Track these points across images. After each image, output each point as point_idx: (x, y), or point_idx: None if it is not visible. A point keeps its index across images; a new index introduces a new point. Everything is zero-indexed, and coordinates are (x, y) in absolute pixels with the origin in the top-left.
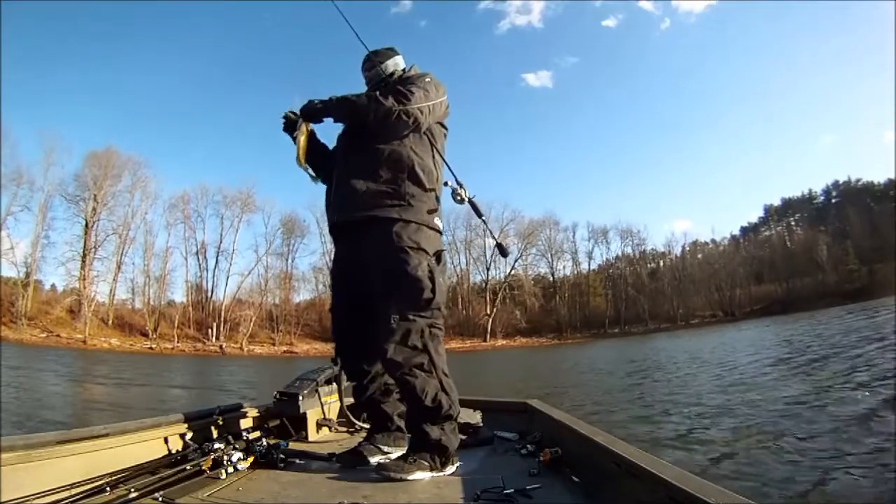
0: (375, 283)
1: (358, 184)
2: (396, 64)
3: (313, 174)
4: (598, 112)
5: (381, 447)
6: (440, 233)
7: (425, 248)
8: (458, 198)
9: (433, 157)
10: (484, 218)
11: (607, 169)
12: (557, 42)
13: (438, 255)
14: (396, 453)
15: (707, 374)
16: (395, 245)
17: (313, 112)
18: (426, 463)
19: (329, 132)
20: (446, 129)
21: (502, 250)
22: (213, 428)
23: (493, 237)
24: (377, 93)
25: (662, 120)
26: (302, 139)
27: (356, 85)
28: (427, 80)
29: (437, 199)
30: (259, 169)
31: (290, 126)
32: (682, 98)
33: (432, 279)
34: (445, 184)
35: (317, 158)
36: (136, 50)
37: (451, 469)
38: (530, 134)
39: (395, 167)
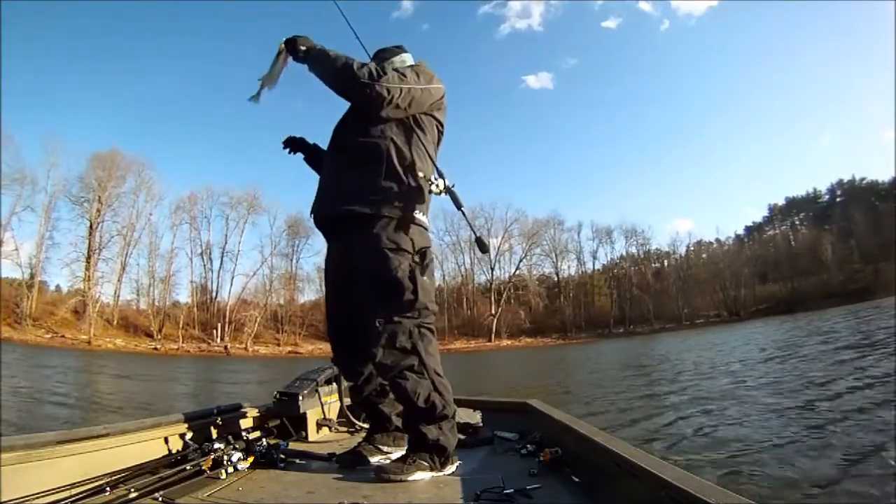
0: (362, 284)
1: (336, 178)
2: (403, 61)
3: (257, 93)
4: (598, 112)
5: (381, 447)
6: (425, 228)
7: (406, 248)
8: (435, 187)
9: (418, 149)
10: (463, 209)
11: (607, 169)
12: (557, 44)
13: (423, 253)
14: (396, 453)
15: (711, 374)
16: (374, 246)
17: (296, 49)
18: (425, 463)
19: (327, 127)
20: (440, 122)
21: (481, 245)
22: (213, 428)
23: (473, 230)
24: (355, 61)
25: (662, 120)
26: (278, 63)
27: None
28: (416, 66)
29: (421, 193)
30: (264, 170)
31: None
32: (682, 98)
33: (413, 280)
34: (422, 177)
35: (316, 161)
36: (139, 51)
37: (450, 469)
38: (531, 135)
39: (373, 161)
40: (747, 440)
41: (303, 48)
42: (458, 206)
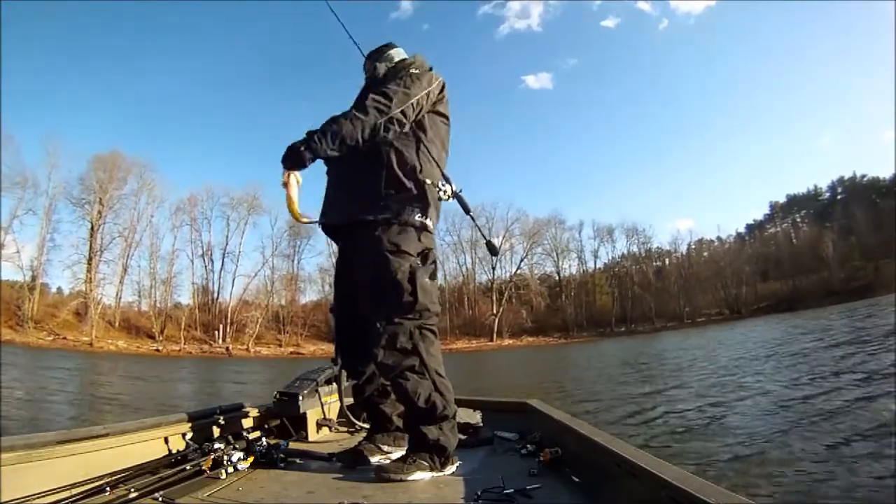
0: (364, 285)
1: (339, 185)
2: (392, 57)
3: (317, 221)
4: (598, 112)
5: (382, 447)
6: (429, 231)
7: (407, 250)
8: (443, 193)
9: (420, 150)
10: (472, 214)
11: (607, 169)
12: (556, 44)
13: (425, 255)
14: (397, 453)
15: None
16: (376, 249)
17: (298, 158)
18: (426, 463)
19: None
20: (444, 116)
21: (492, 248)
22: (213, 428)
23: (483, 234)
24: (355, 110)
25: (662, 120)
26: (291, 192)
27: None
28: (412, 71)
29: (425, 196)
30: (264, 170)
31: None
32: (682, 98)
33: (413, 282)
34: (429, 183)
35: None
36: (139, 51)
37: (450, 469)
38: (532, 135)
39: (374, 166)
40: (740, 435)
41: (302, 148)
42: (467, 211)
